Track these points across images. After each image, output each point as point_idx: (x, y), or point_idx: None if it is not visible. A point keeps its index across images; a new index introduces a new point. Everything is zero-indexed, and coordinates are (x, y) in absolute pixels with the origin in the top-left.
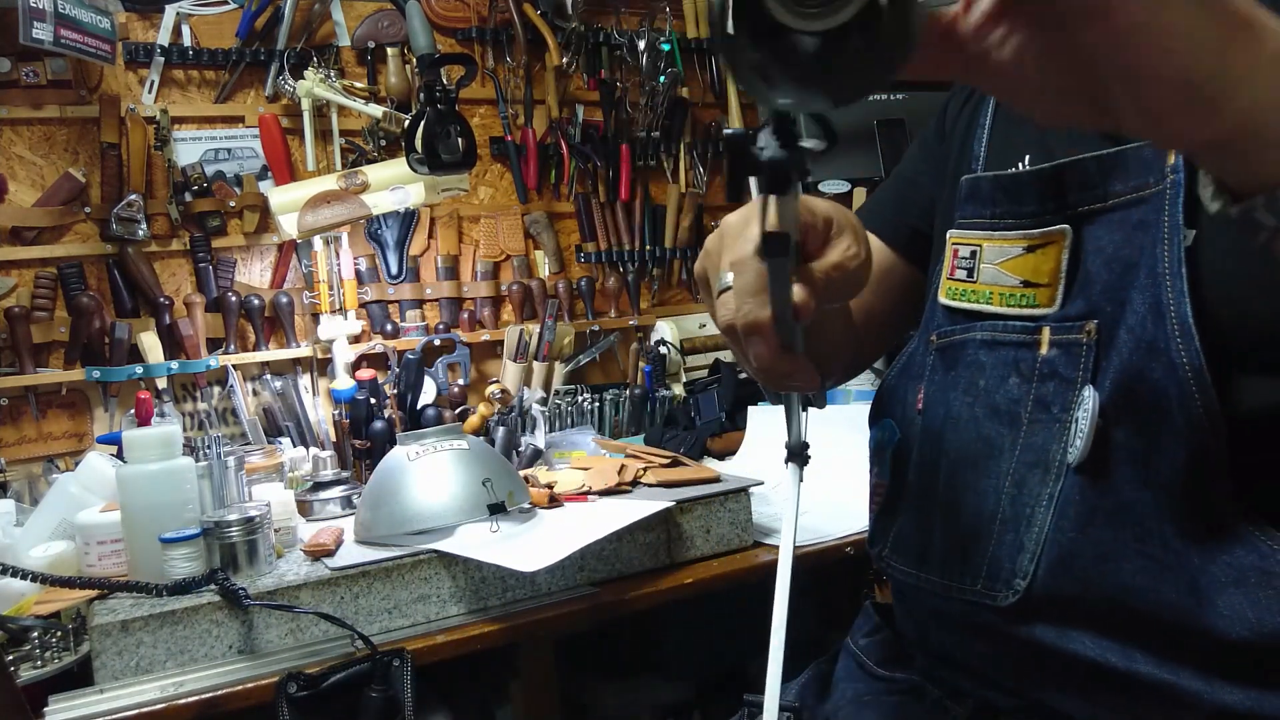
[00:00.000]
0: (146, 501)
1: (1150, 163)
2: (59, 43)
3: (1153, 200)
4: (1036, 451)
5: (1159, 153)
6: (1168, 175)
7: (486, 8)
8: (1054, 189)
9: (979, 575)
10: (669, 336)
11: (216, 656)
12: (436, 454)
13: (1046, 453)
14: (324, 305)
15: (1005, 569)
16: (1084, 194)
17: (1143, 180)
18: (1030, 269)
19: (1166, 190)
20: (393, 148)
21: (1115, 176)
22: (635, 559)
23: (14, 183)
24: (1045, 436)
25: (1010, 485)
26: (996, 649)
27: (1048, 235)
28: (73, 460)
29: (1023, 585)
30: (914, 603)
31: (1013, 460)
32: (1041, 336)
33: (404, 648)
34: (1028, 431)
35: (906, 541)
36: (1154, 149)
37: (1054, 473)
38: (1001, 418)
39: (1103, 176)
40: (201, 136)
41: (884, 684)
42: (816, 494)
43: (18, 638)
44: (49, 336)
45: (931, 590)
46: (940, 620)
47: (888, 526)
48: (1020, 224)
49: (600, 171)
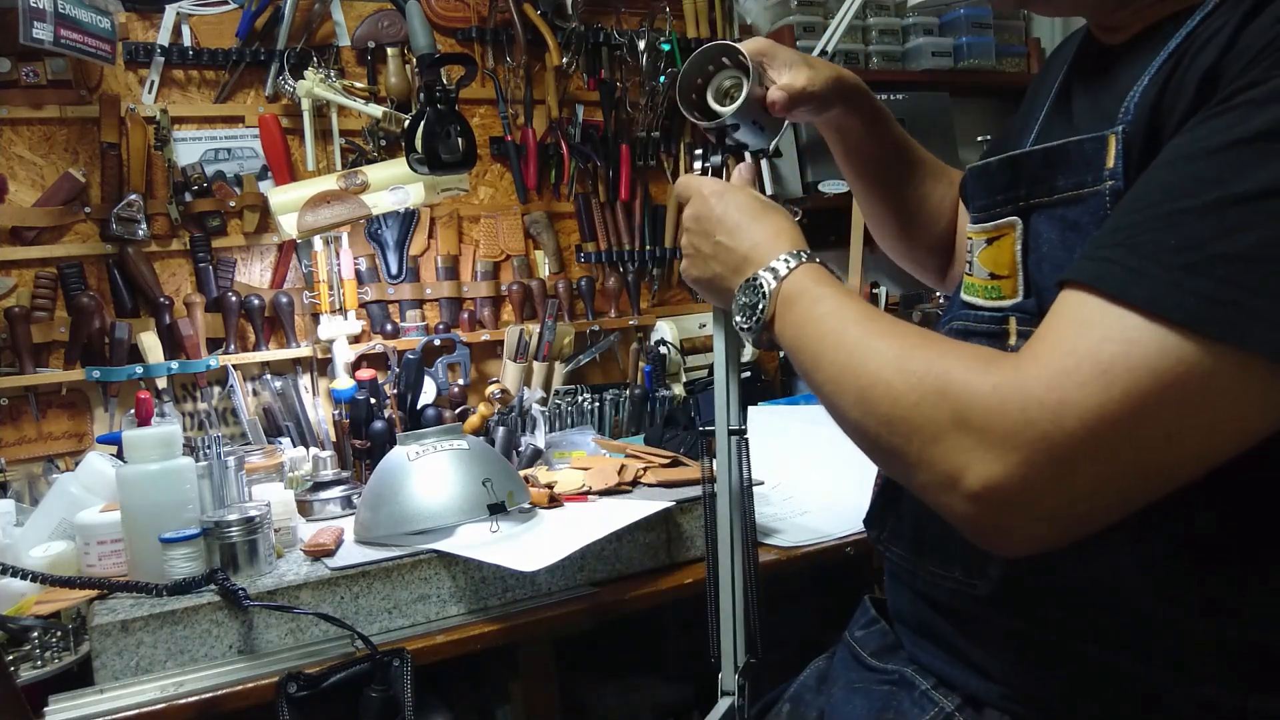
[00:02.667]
0: (146, 501)
1: (1090, 159)
2: (59, 43)
3: (1090, 201)
4: None
5: (1098, 149)
6: (1105, 180)
7: (486, 8)
8: (1009, 180)
9: (956, 562)
10: (669, 336)
11: (216, 656)
12: (436, 454)
13: None
14: (324, 305)
15: (978, 556)
16: (1032, 186)
17: (1082, 178)
18: (993, 261)
19: (1105, 194)
20: (393, 148)
21: (1059, 170)
22: (635, 559)
23: (14, 183)
24: None
25: None
26: (980, 633)
27: (1000, 227)
28: (73, 460)
29: (997, 574)
30: (908, 587)
31: None
32: (1009, 327)
33: (404, 648)
34: None
35: (902, 526)
36: (1093, 144)
37: None
38: None
39: (1048, 170)
40: (201, 136)
41: (876, 674)
42: (817, 494)
43: (18, 638)
44: (49, 336)
45: (924, 575)
46: (933, 605)
47: (885, 511)
48: (983, 216)
49: (600, 171)
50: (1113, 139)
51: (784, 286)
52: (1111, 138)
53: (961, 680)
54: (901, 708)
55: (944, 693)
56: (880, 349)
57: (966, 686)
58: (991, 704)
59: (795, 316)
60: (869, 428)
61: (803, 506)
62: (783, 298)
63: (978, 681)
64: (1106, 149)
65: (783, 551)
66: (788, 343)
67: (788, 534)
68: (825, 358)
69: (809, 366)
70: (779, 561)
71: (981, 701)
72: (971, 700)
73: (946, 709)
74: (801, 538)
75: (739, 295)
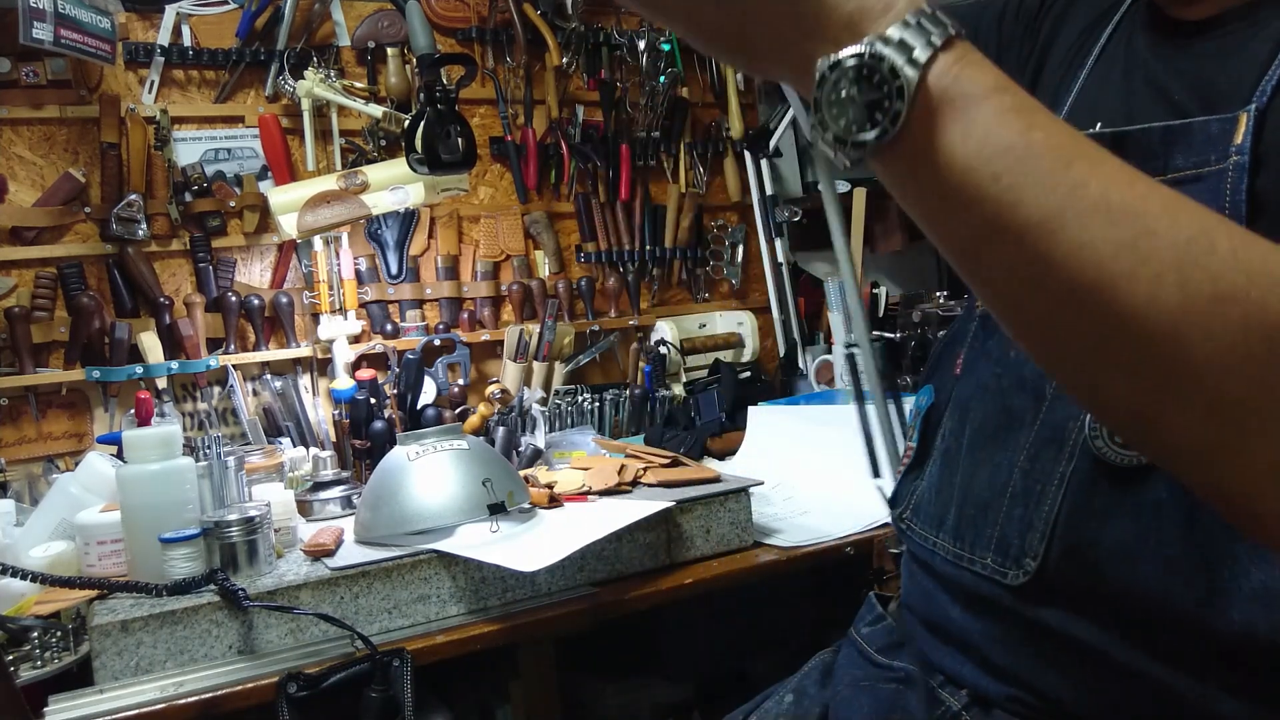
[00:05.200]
0: (146, 501)
1: (1215, 139)
2: (59, 43)
3: (1210, 179)
4: (1054, 428)
5: (1225, 129)
6: (1230, 155)
7: (486, 8)
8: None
9: (989, 549)
10: (669, 336)
11: (216, 656)
12: (436, 454)
13: (1063, 430)
14: (324, 305)
15: (1014, 545)
16: (1144, 165)
17: (1204, 157)
18: None
19: (1229, 171)
20: (393, 148)
21: (1177, 149)
22: (635, 559)
23: (14, 183)
24: (1065, 414)
25: (1025, 459)
26: (999, 626)
27: None
28: (73, 460)
29: (1033, 566)
30: (926, 571)
31: (1031, 434)
32: None
33: (404, 648)
34: (1049, 407)
35: (926, 506)
36: (1220, 124)
37: (1068, 451)
38: (1027, 390)
39: (1165, 148)
40: (201, 136)
41: (882, 670)
42: (817, 494)
43: (18, 638)
44: (49, 336)
45: (945, 557)
46: (949, 588)
47: (910, 489)
48: None
49: (600, 171)
50: (1244, 117)
51: (931, 78)
52: (1243, 116)
53: (971, 678)
54: (908, 707)
55: (951, 691)
56: (1195, 212)
57: (976, 685)
58: (1000, 705)
59: (969, 131)
60: (1193, 330)
61: (803, 506)
62: (935, 98)
63: (988, 680)
64: (1236, 127)
65: (782, 551)
66: (955, 168)
67: (788, 534)
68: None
69: (1027, 217)
70: (779, 561)
71: (990, 701)
72: (979, 699)
73: (954, 708)
74: (801, 538)
75: (829, 82)
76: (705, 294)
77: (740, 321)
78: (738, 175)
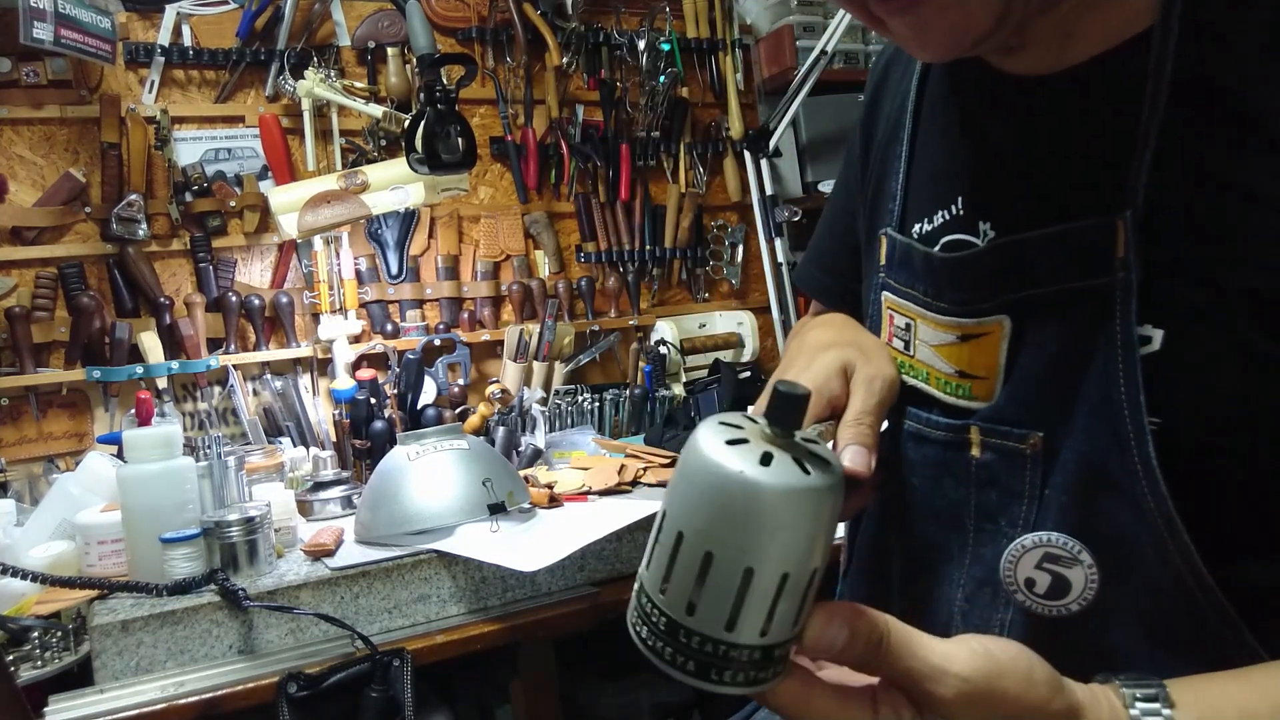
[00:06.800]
0: (146, 501)
1: (1099, 248)
2: (59, 43)
3: (1102, 297)
4: (985, 567)
5: (1107, 236)
6: (1116, 270)
7: (486, 8)
8: (991, 271)
9: None
10: (669, 336)
11: (216, 656)
12: (436, 454)
13: (995, 572)
14: (324, 305)
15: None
16: (1024, 279)
17: (1090, 270)
18: (966, 360)
19: (1117, 288)
20: (393, 148)
21: (1060, 261)
22: (635, 559)
23: (14, 183)
24: (994, 552)
25: (962, 599)
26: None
27: (983, 326)
28: (73, 460)
29: None
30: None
31: (963, 570)
32: (971, 437)
33: (404, 648)
34: (975, 540)
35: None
36: (1100, 231)
37: (1002, 598)
38: (944, 522)
39: (1046, 259)
40: (202, 136)
41: None
42: None
43: (18, 638)
44: (49, 336)
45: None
46: None
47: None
48: (954, 310)
49: (600, 171)
50: (1120, 225)
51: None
52: (1119, 223)
53: None
54: None
55: None
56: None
57: None
58: None
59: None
60: None
61: None
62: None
63: None
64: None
65: None
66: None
67: None
68: None
69: None
70: None
71: None
72: None
73: None
74: None
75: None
76: (705, 294)
77: (740, 321)
78: (738, 175)
